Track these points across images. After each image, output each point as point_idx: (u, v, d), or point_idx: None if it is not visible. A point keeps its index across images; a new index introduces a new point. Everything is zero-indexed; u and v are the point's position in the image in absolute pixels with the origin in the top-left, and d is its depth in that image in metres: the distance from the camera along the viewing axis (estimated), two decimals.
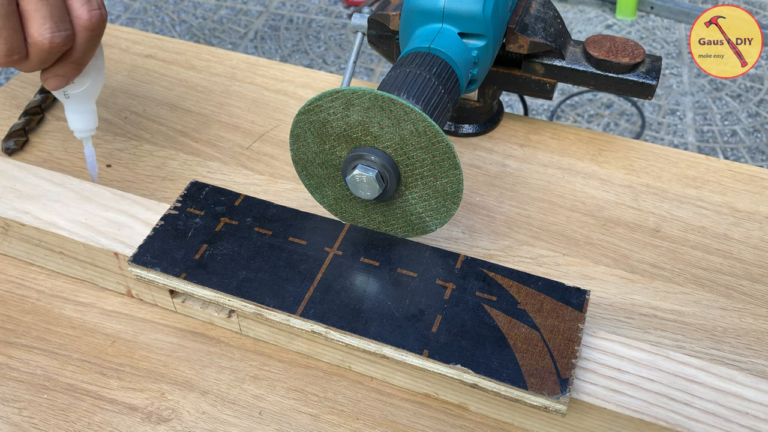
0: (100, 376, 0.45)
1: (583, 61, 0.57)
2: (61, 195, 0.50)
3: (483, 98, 0.61)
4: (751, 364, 0.45)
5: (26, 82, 0.68)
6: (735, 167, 0.59)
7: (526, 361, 0.39)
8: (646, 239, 0.53)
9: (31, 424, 0.43)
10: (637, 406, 0.38)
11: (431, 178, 0.43)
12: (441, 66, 0.46)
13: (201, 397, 0.44)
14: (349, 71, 0.56)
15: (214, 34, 1.99)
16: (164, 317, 0.49)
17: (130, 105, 0.66)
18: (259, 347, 0.47)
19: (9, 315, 0.49)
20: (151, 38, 0.74)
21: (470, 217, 0.55)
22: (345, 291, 0.43)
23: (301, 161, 0.47)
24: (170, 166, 0.59)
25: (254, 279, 0.44)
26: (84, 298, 0.50)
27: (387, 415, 0.43)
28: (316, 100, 0.42)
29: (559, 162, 0.60)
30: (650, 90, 0.56)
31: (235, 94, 0.67)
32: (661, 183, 0.58)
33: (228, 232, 0.47)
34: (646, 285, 0.50)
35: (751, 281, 0.51)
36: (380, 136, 0.42)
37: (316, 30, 2.02)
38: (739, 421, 0.38)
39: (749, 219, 0.55)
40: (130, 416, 0.43)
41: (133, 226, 0.48)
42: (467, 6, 0.49)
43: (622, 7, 2.03)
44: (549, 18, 0.57)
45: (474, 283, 0.44)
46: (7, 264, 0.52)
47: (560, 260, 0.52)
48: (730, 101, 1.76)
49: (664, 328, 0.47)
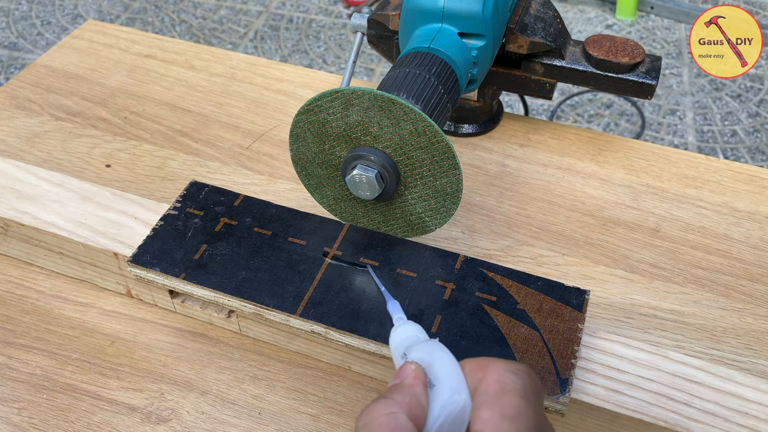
0: (100, 376, 0.45)
1: (582, 60, 0.57)
2: (60, 195, 0.50)
3: (483, 98, 0.61)
4: (751, 364, 0.45)
5: (26, 82, 0.68)
6: (735, 167, 0.59)
7: (525, 361, 0.39)
8: (646, 239, 0.53)
9: (30, 424, 0.43)
10: (636, 406, 0.38)
11: (431, 178, 0.43)
12: (440, 66, 0.46)
13: (201, 397, 0.44)
14: (349, 71, 0.56)
15: (214, 34, 1.99)
16: (164, 317, 0.49)
17: (129, 105, 0.66)
18: (258, 347, 0.47)
19: (9, 315, 0.49)
20: (151, 38, 0.74)
21: (470, 217, 0.55)
22: (345, 291, 0.43)
23: (300, 161, 0.46)
24: (170, 166, 0.59)
25: (254, 279, 0.44)
26: (83, 298, 0.50)
27: None
28: (315, 100, 0.42)
29: (558, 162, 0.60)
30: (650, 90, 0.56)
31: (234, 94, 0.67)
32: (661, 183, 0.58)
33: (227, 232, 0.47)
34: (645, 285, 0.50)
35: (751, 281, 0.51)
36: (380, 136, 0.42)
37: (316, 30, 2.01)
38: (738, 421, 0.38)
39: (749, 219, 0.55)
40: (129, 416, 0.43)
41: (132, 227, 0.48)
42: (467, 6, 0.49)
43: (622, 7, 2.03)
44: (549, 18, 0.57)
45: (474, 284, 0.44)
46: (7, 264, 0.52)
47: (560, 260, 0.52)
48: (730, 101, 1.76)
49: (664, 328, 0.47)
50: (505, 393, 0.27)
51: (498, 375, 0.28)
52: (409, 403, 0.28)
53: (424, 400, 0.28)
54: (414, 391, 0.28)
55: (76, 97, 0.66)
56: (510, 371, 0.28)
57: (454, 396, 0.28)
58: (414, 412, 0.28)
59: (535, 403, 0.28)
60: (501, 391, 0.27)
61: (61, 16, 2.03)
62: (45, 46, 1.92)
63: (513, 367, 0.28)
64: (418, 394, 0.28)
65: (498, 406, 0.27)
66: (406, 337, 0.32)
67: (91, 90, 0.67)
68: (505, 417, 0.26)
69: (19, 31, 1.97)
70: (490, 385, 0.27)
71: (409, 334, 0.33)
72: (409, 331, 0.33)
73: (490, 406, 0.27)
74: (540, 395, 0.29)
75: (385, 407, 0.28)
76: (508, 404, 0.27)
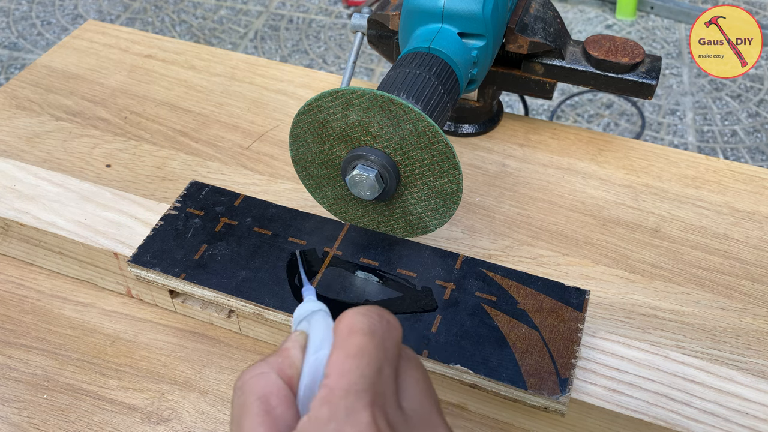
0: (100, 376, 0.45)
1: (582, 61, 0.57)
2: (60, 195, 0.50)
3: (483, 98, 0.61)
4: (751, 364, 0.45)
5: (26, 82, 0.68)
6: (735, 167, 0.59)
7: (525, 361, 0.39)
8: (646, 239, 0.53)
9: (30, 424, 0.43)
10: (636, 406, 0.38)
11: (431, 178, 0.43)
12: (440, 66, 0.46)
13: (201, 397, 0.44)
14: (349, 71, 0.56)
15: (214, 34, 1.99)
16: (164, 317, 0.49)
17: (129, 105, 0.66)
18: (258, 347, 0.47)
19: (9, 315, 0.49)
20: (151, 38, 0.74)
21: (470, 217, 0.55)
22: (344, 291, 0.43)
23: (300, 161, 0.46)
24: (170, 166, 0.59)
25: (254, 279, 0.44)
26: (84, 298, 0.50)
27: None
28: (315, 100, 0.42)
29: (558, 162, 0.60)
30: (650, 90, 0.56)
31: (234, 94, 0.67)
32: (661, 183, 0.58)
33: (228, 232, 0.47)
34: (645, 285, 0.50)
35: (751, 281, 0.51)
36: (380, 136, 0.42)
37: (316, 30, 2.01)
38: (738, 421, 0.38)
39: (749, 219, 0.55)
40: (129, 416, 0.43)
41: (132, 227, 0.48)
42: (467, 6, 0.49)
43: (622, 7, 2.03)
44: (549, 18, 0.57)
45: (474, 283, 0.44)
46: (7, 264, 0.52)
47: (560, 260, 0.52)
48: (730, 101, 1.76)
49: (664, 328, 0.47)
50: (351, 333, 0.28)
51: (348, 319, 0.28)
52: (281, 364, 0.29)
53: (297, 362, 0.29)
54: (288, 353, 0.29)
55: (76, 97, 0.66)
56: (359, 313, 0.29)
57: (318, 351, 0.29)
58: (287, 372, 0.28)
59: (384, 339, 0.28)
60: (348, 332, 0.28)
61: (61, 16, 2.03)
62: (45, 46, 1.92)
63: (363, 310, 0.29)
64: (292, 356, 0.29)
65: (344, 346, 0.27)
66: (303, 311, 0.33)
67: (91, 90, 0.67)
68: (349, 356, 0.27)
69: (19, 31, 1.97)
70: (341, 329, 0.28)
71: (306, 309, 0.34)
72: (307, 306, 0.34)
73: (337, 347, 0.27)
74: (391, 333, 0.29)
75: (257, 369, 0.28)
76: (352, 343, 0.27)
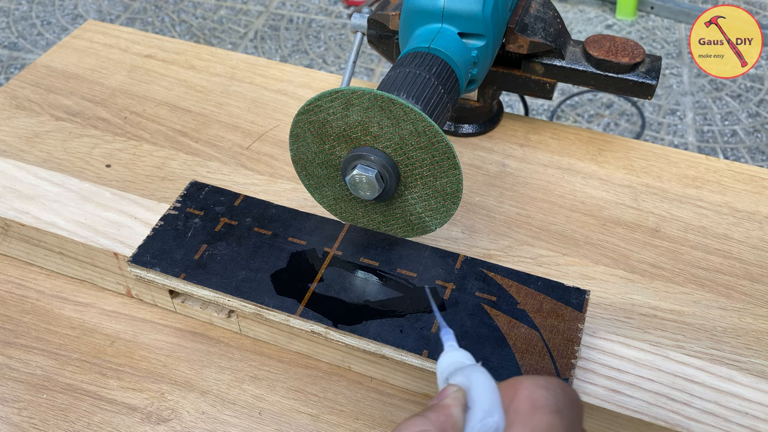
0: (100, 376, 0.45)
1: (582, 61, 0.57)
2: (60, 195, 0.50)
3: (483, 98, 0.61)
4: (751, 364, 0.45)
5: (26, 82, 0.68)
6: (735, 167, 0.59)
7: (525, 361, 0.39)
8: (646, 239, 0.53)
9: (30, 424, 0.43)
10: (636, 406, 0.38)
11: (431, 178, 0.43)
12: (441, 66, 0.46)
13: (201, 398, 0.44)
14: (349, 71, 0.56)
15: (214, 34, 1.99)
16: (164, 317, 0.49)
17: (129, 105, 0.66)
18: (258, 347, 0.47)
19: (9, 315, 0.49)
20: (151, 38, 0.74)
21: (470, 217, 0.55)
22: (345, 291, 0.43)
23: (300, 161, 0.46)
24: (170, 166, 0.59)
25: (254, 279, 0.44)
26: (83, 298, 0.50)
27: (387, 415, 0.43)
28: (315, 100, 0.42)
29: (558, 162, 0.60)
30: (650, 90, 0.56)
31: (234, 94, 0.67)
32: (661, 183, 0.58)
33: (228, 232, 0.47)
34: (645, 285, 0.50)
35: (751, 281, 0.51)
36: (380, 136, 0.42)
37: (316, 30, 2.01)
38: (738, 421, 0.38)
39: (749, 219, 0.55)
40: (129, 416, 0.43)
41: (132, 227, 0.48)
42: (467, 6, 0.49)
43: (622, 7, 2.03)
44: (549, 18, 0.57)
45: (474, 283, 0.44)
46: (7, 264, 0.52)
47: (560, 260, 0.52)
48: (730, 101, 1.76)
49: (664, 328, 0.47)
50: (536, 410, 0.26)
51: (529, 392, 0.27)
52: (443, 423, 0.27)
53: (459, 422, 0.28)
54: (449, 411, 0.28)
55: (76, 97, 0.66)
56: (541, 387, 0.27)
57: (487, 418, 0.27)
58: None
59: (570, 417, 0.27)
60: (532, 409, 0.27)
61: (61, 16, 2.03)
62: (45, 46, 1.92)
63: (544, 383, 0.28)
64: (454, 415, 0.28)
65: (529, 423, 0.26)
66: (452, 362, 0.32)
67: (91, 90, 0.67)
68: None
69: (19, 31, 1.97)
70: (522, 402, 0.27)
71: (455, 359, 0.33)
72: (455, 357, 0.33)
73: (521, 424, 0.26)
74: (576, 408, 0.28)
75: (418, 424, 0.27)
76: (539, 421, 0.26)
